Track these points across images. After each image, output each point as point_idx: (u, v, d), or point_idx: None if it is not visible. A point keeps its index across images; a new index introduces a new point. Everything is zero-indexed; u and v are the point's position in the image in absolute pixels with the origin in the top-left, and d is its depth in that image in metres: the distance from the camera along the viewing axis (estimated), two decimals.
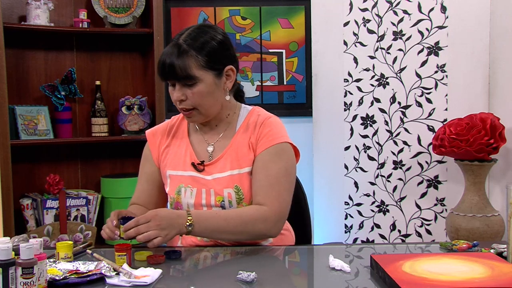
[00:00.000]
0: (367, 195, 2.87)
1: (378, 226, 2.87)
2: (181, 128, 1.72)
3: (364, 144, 2.86)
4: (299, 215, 1.88)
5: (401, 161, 2.84)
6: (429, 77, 2.80)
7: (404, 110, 2.82)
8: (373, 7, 2.81)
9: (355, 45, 2.84)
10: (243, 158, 1.60)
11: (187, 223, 1.45)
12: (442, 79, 2.79)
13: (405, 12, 2.80)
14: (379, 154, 2.85)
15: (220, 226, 1.50)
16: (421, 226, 2.85)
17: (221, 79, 1.59)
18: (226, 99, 1.63)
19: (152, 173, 1.72)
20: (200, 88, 1.55)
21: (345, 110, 2.86)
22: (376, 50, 2.82)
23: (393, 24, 2.81)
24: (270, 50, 3.10)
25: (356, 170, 2.87)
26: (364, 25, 2.83)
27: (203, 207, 1.59)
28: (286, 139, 1.61)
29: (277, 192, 1.56)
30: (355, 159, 2.87)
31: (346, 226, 2.89)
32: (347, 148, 2.87)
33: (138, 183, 1.76)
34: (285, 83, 3.10)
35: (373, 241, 2.86)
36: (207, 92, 1.56)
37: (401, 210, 2.86)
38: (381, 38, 2.82)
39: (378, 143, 2.85)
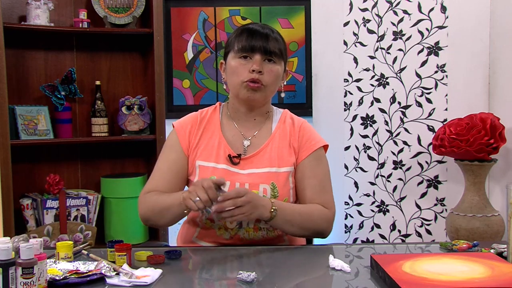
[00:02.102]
0: (367, 195, 2.87)
1: (378, 226, 2.87)
2: (213, 121, 1.73)
3: (364, 144, 2.86)
4: None
5: (401, 161, 2.84)
6: (429, 77, 2.80)
7: (404, 110, 2.82)
8: (373, 7, 2.82)
9: (355, 45, 2.84)
10: (282, 158, 1.67)
11: (272, 209, 1.52)
12: (442, 79, 2.79)
13: (405, 12, 2.80)
14: (379, 154, 2.85)
15: (294, 219, 1.58)
16: (421, 226, 2.85)
17: (283, 73, 1.73)
18: (282, 96, 1.83)
19: (176, 161, 1.69)
20: (278, 69, 1.66)
21: (345, 110, 2.86)
22: (376, 50, 2.82)
23: (393, 24, 2.81)
24: None
25: (356, 170, 2.87)
26: (364, 25, 2.83)
27: None
28: (322, 142, 1.73)
29: (330, 195, 1.69)
30: (355, 159, 2.87)
31: (346, 226, 2.89)
32: (347, 148, 2.87)
33: (157, 170, 1.71)
34: (285, 83, 3.09)
35: (373, 241, 2.87)
36: (278, 76, 1.68)
37: (401, 210, 2.86)
38: (381, 38, 2.82)
39: (378, 143, 2.85)
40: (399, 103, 2.82)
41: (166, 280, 1.27)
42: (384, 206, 2.86)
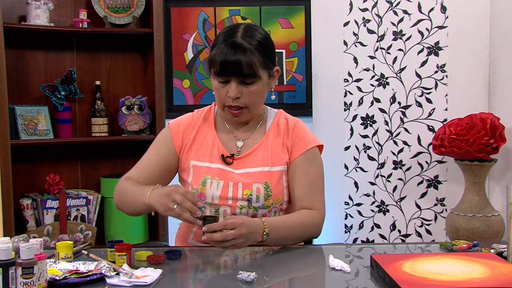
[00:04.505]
0: (367, 195, 2.87)
1: (378, 226, 2.87)
2: (207, 121, 1.74)
3: (364, 144, 2.86)
4: None
5: (401, 161, 2.84)
6: (429, 77, 2.80)
7: (404, 110, 2.82)
8: (373, 7, 2.81)
9: (355, 45, 2.84)
10: (275, 157, 1.66)
11: (264, 233, 1.49)
12: (442, 79, 2.79)
13: (405, 12, 2.80)
14: (379, 154, 2.85)
15: (287, 234, 1.56)
16: (421, 226, 2.85)
17: (271, 79, 1.66)
18: (272, 98, 1.74)
19: (166, 157, 1.69)
20: (258, 87, 1.60)
21: (345, 110, 2.86)
22: (376, 50, 2.82)
23: (393, 24, 2.81)
24: None
25: (356, 170, 2.87)
26: (364, 25, 2.83)
27: (229, 200, 1.61)
28: (316, 142, 1.70)
29: (320, 196, 1.67)
30: (355, 159, 2.87)
31: (346, 226, 2.89)
32: (347, 148, 2.87)
33: (145, 160, 1.70)
34: (285, 83, 3.10)
35: (373, 241, 2.87)
36: (262, 92, 1.62)
37: (401, 210, 2.86)
38: (381, 38, 2.82)
39: (378, 143, 2.85)
40: (399, 103, 2.82)
41: (166, 280, 1.27)
42: (384, 206, 2.86)
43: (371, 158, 2.86)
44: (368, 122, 2.85)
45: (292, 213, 1.65)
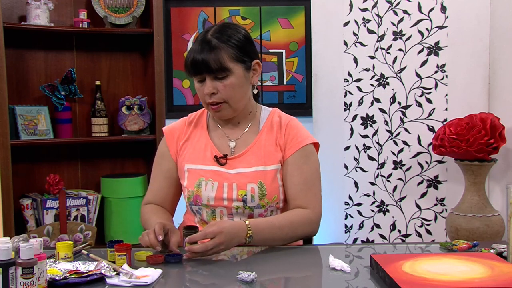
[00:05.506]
0: (367, 195, 2.87)
1: (378, 226, 2.87)
2: (200, 124, 1.75)
3: (364, 144, 2.86)
4: None
5: (401, 161, 2.84)
6: (429, 77, 2.80)
7: (404, 110, 2.82)
8: (373, 7, 2.81)
9: (355, 45, 2.84)
10: (268, 156, 1.65)
11: (247, 235, 1.49)
12: (442, 79, 2.79)
13: (405, 12, 2.80)
14: (379, 154, 2.85)
15: (274, 235, 1.55)
16: (421, 226, 2.85)
17: (249, 72, 1.64)
18: (254, 92, 1.70)
19: (169, 170, 1.73)
20: (232, 81, 1.59)
21: (345, 110, 2.86)
22: (376, 50, 2.82)
23: (393, 24, 2.81)
24: (270, 50, 3.10)
25: (356, 170, 2.87)
26: (364, 25, 2.83)
27: (224, 201, 1.62)
28: (311, 139, 1.69)
29: (315, 194, 1.65)
30: (355, 159, 2.87)
31: (346, 226, 2.89)
32: (347, 148, 2.87)
33: (153, 180, 1.77)
34: (285, 83, 3.10)
35: (373, 241, 2.87)
36: (237, 85, 1.60)
37: (401, 210, 2.86)
38: (381, 38, 2.82)
39: (378, 143, 2.85)
40: (399, 103, 2.82)
41: (166, 280, 1.27)
42: (384, 206, 2.86)
43: (371, 158, 2.86)
44: (368, 122, 2.85)
45: (282, 213, 1.65)
